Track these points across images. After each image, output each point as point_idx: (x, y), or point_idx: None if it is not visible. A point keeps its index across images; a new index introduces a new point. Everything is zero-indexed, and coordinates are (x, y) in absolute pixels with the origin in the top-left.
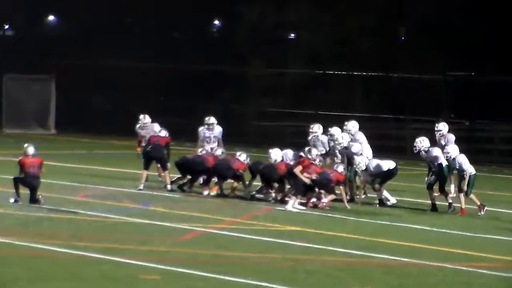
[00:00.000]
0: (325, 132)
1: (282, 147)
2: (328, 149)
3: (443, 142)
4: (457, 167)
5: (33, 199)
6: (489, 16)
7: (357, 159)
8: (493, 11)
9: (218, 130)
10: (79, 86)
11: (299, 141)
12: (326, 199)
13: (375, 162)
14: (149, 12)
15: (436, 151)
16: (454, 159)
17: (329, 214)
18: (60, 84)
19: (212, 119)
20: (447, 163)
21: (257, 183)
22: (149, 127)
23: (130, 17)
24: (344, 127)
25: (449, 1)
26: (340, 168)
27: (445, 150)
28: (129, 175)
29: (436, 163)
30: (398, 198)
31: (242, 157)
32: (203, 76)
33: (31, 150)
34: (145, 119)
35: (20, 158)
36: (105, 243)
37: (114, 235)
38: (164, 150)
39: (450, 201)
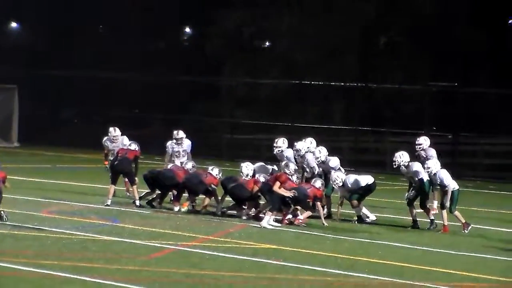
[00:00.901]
0: (289, 146)
1: (255, 161)
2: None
3: (423, 155)
4: (438, 183)
5: None
6: (474, 26)
7: (333, 174)
8: (479, 21)
9: (186, 143)
10: (43, 97)
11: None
12: (302, 216)
13: (353, 177)
14: (119, 21)
15: (416, 166)
16: (435, 174)
17: (305, 232)
18: (23, 94)
19: (180, 133)
20: (428, 178)
21: (230, 198)
22: (119, 140)
23: (98, 26)
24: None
25: (432, 9)
26: (318, 183)
27: (425, 165)
28: (96, 190)
29: (416, 178)
30: (378, 215)
31: (215, 171)
32: (173, 86)
33: None
34: (115, 131)
35: None
36: (72, 261)
37: (81, 253)
38: (131, 163)
39: (432, 217)
